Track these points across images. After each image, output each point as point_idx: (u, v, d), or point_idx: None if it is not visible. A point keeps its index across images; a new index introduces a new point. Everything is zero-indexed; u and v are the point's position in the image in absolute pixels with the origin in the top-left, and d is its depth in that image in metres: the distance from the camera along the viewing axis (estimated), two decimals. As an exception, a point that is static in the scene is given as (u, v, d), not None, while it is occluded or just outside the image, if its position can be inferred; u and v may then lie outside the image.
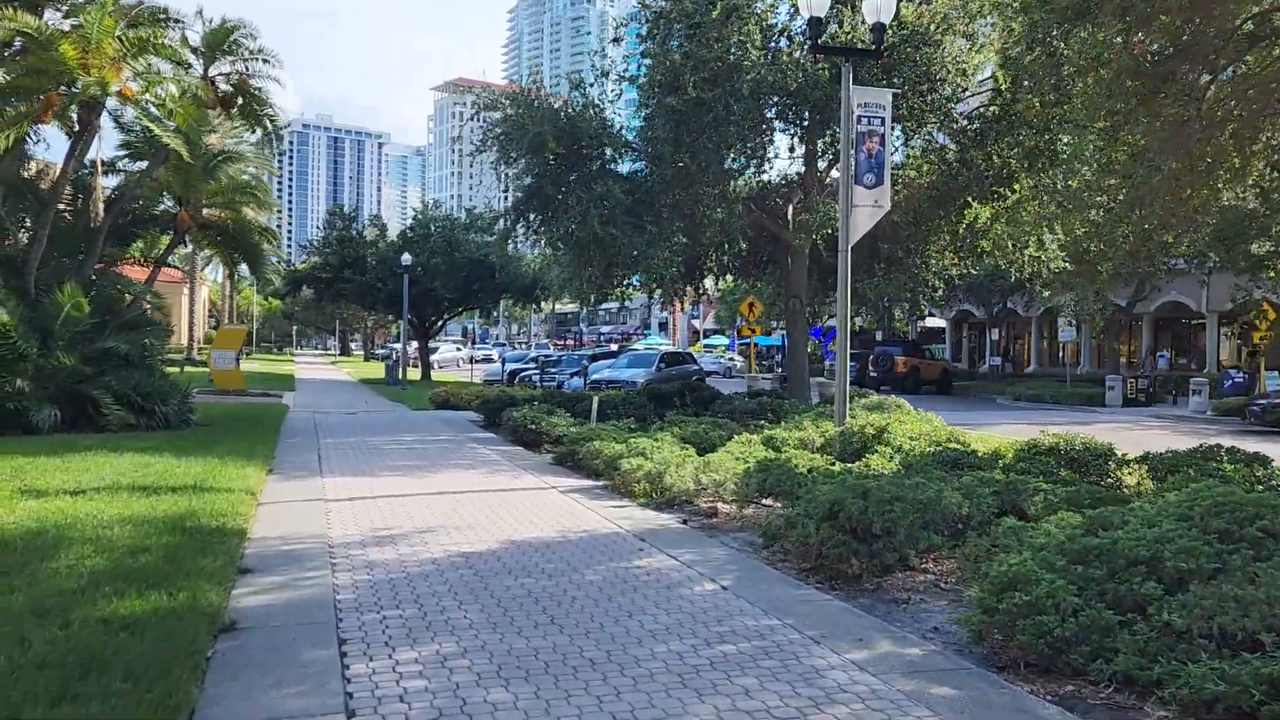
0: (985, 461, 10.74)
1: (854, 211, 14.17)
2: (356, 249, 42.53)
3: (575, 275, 19.56)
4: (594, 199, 17.65)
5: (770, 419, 18.69)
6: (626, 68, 19.26)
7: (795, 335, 21.84)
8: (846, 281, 14.18)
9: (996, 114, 18.99)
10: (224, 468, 11.82)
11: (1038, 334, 51.45)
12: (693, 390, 22.74)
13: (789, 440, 13.90)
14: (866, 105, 14.19)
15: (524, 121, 17.81)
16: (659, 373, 31.77)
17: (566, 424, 17.09)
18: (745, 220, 18.95)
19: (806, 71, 17.17)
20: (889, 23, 14.40)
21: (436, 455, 15.22)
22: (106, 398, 15.88)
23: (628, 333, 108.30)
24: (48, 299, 16.18)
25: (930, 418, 15.51)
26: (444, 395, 26.68)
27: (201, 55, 18.91)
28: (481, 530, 9.05)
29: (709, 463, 11.18)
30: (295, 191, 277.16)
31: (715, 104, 17.17)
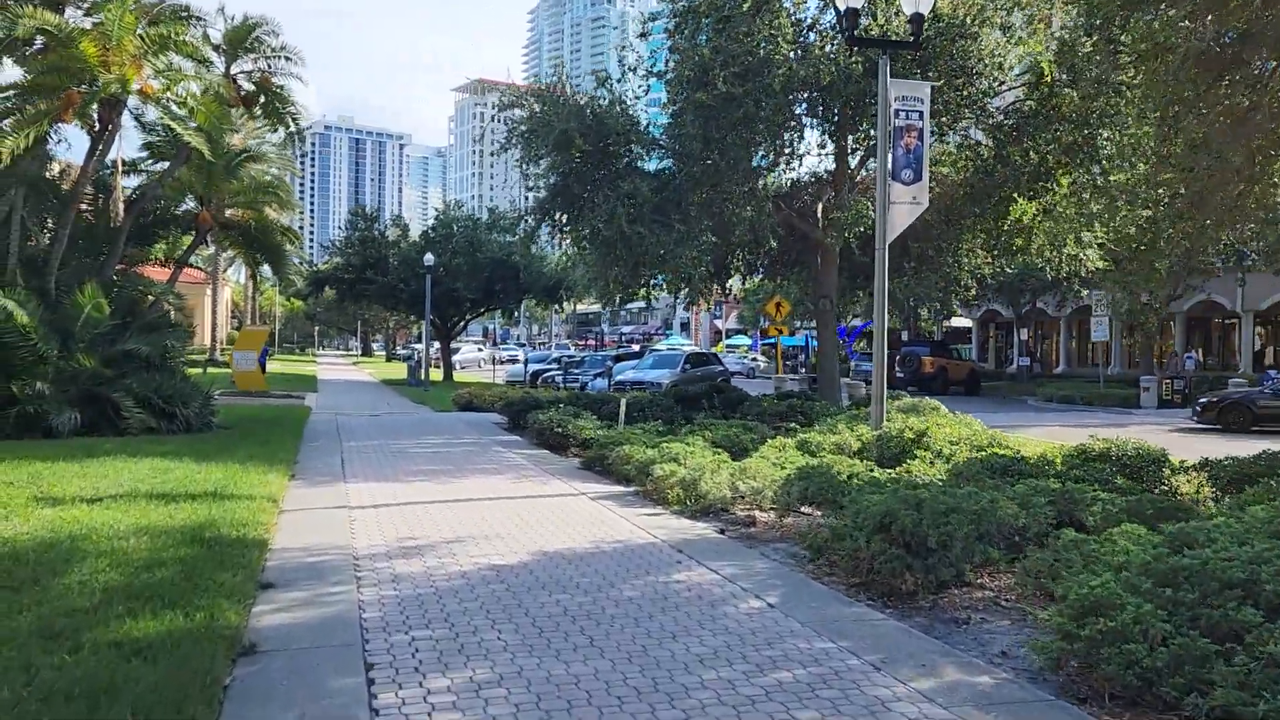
0: (1035, 468, 10.27)
1: (891, 208, 13.72)
2: (378, 249, 42.35)
3: (601, 275, 19.18)
4: (621, 197, 17.27)
5: (801, 421, 18.27)
6: (654, 63, 18.86)
7: (825, 336, 21.38)
8: (884, 280, 13.73)
9: (1034, 108, 18.46)
10: (245, 473, 11.52)
11: (1067, 334, 50.67)
12: (720, 392, 22.33)
13: (824, 445, 13.47)
14: (904, 99, 13.74)
15: (549, 118, 17.44)
16: (684, 374, 31.32)
17: (593, 427, 16.74)
18: (775, 219, 18.52)
19: (839, 66, 16.72)
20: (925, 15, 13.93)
21: (461, 459, 14.88)
22: (127, 400, 15.64)
23: (649, 333, 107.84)
24: (68, 300, 15.97)
25: (969, 421, 15.02)
26: (467, 397, 26.39)
27: (223, 53, 18.66)
28: (511, 540, 8.68)
29: (745, 469, 10.77)
30: (317, 193, 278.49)
31: (745, 99, 16.75)
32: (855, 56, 16.72)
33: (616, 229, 16.96)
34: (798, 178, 21.85)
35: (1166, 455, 10.80)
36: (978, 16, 17.09)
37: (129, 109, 18.30)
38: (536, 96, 18.36)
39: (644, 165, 19.28)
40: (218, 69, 18.40)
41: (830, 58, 16.80)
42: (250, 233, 21.54)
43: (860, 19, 15.47)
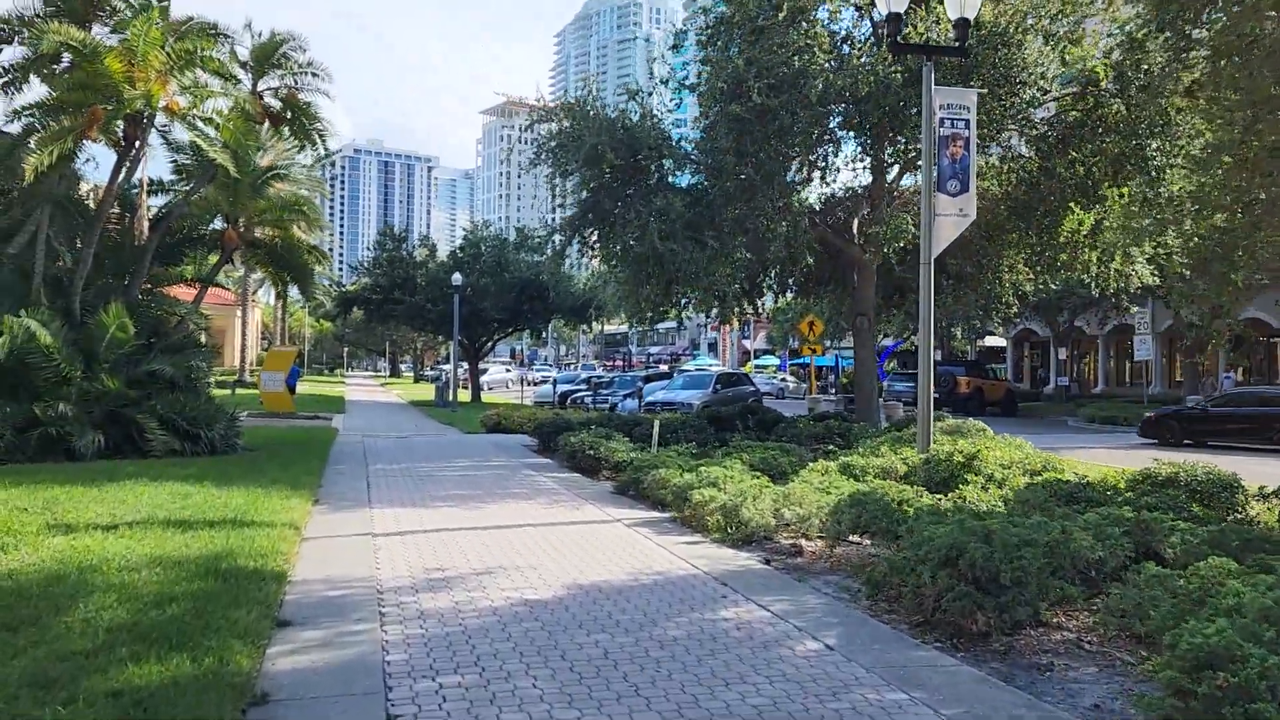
0: (1101, 495, 9.63)
1: (936, 221, 13.17)
2: (406, 270, 42.15)
3: (632, 293, 18.69)
4: (653, 213, 16.81)
5: (839, 443, 17.68)
6: (686, 75, 18.42)
7: (863, 355, 20.76)
8: (929, 297, 13.17)
9: (1079, 118, 17.85)
10: (267, 498, 11.09)
11: (1105, 353, 49.60)
12: (754, 413, 21.78)
13: (869, 468, 12.88)
14: (950, 106, 13.20)
15: (580, 133, 17.04)
16: (715, 394, 30.78)
17: (626, 449, 16.23)
18: (811, 235, 17.98)
19: (877, 76, 16.20)
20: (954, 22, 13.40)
21: (491, 483, 14.41)
22: (151, 422, 15.32)
23: (676, 353, 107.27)
24: (92, 320, 15.71)
25: (1020, 443, 14.37)
26: (495, 418, 25.95)
27: (250, 69, 18.44)
28: (544, 571, 8.17)
29: (789, 494, 10.20)
30: (347, 215, 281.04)
31: (781, 111, 16.27)
32: (894, 66, 16.21)
33: (649, 246, 16.49)
34: (832, 193, 21.32)
35: (1239, 480, 10.13)
36: (1020, 24, 16.54)
37: (156, 127, 18.11)
38: (566, 111, 17.97)
39: (676, 180, 18.82)
40: (244, 86, 18.18)
41: (868, 68, 16.28)
42: (277, 252, 21.27)
43: (900, 26, 14.97)
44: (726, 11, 17.25)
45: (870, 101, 16.46)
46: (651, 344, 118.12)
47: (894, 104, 16.65)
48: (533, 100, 20.54)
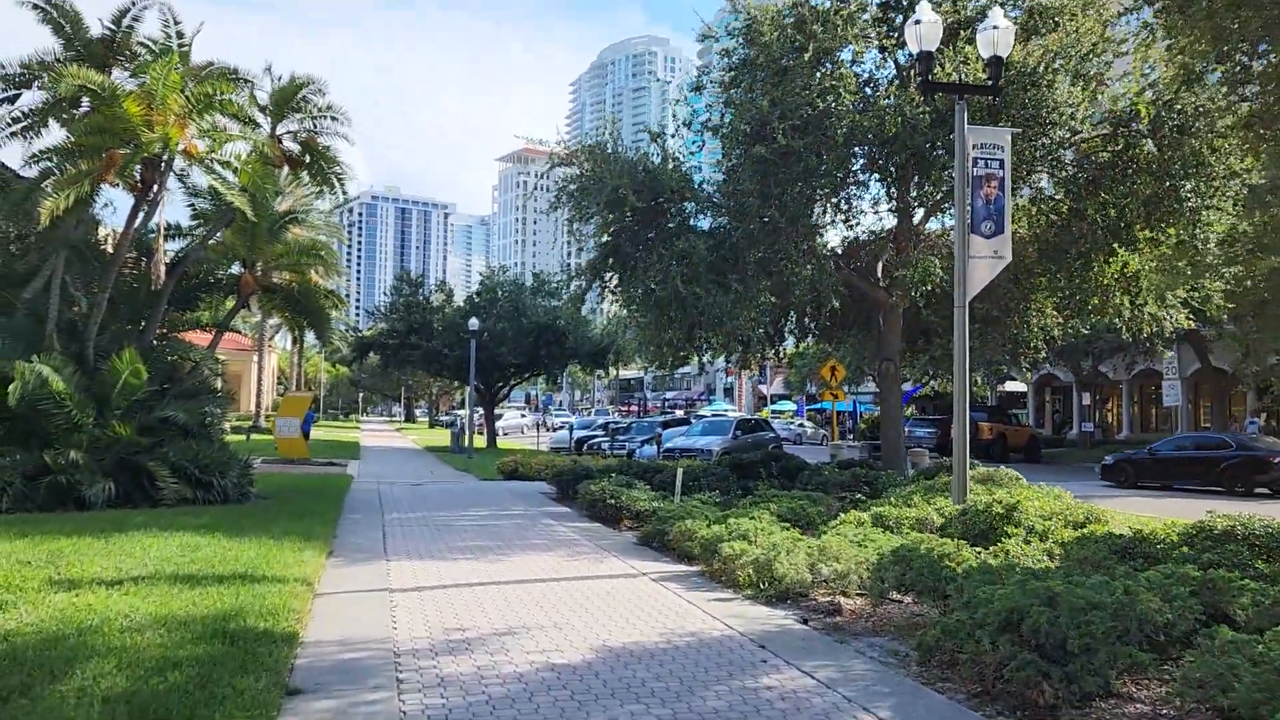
0: (1157, 550, 9.10)
1: (971, 263, 12.79)
2: (423, 314, 42.00)
3: (654, 338, 18.33)
4: (675, 256, 16.51)
5: (867, 492, 17.20)
6: (708, 117, 18.20)
7: (890, 400, 20.28)
8: (964, 341, 12.74)
9: (1110, 159, 17.50)
10: (279, 550, 10.67)
11: (1129, 398, 48.85)
12: (777, 460, 21.29)
13: (903, 520, 12.39)
14: (983, 146, 12.87)
15: (601, 175, 16.80)
16: (735, 440, 30.30)
17: (648, 498, 15.78)
18: (836, 278, 17.63)
19: (904, 116, 15.93)
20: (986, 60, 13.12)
21: (510, 533, 13.95)
22: (163, 470, 14.96)
23: (692, 398, 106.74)
24: (106, 366, 15.43)
25: (1059, 493, 13.84)
26: (512, 465, 25.52)
27: (269, 113, 18.34)
28: (571, 631, 7.70)
29: (824, 548, 9.71)
30: (364, 261, 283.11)
31: (806, 153, 16.00)
32: (922, 106, 15.94)
33: (671, 289, 16.16)
34: (856, 235, 20.99)
35: (1301, 534, 9.59)
36: (1050, 64, 16.27)
37: (174, 172, 17.98)
38: (587, 154, 17.76)
39: (697, 223, 18.56)
40: (263, 130, 18.07)
41: (894, 108, 16.02)
42: (294, 297, 21.05)
43: (932, 64, 14.74)
44: (750, 53, 17.08)
45: (897, 142, 16.18)
46: (667, 389, 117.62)
47: (920, 145, 16.36)
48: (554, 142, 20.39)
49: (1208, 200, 16.95)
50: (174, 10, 18.12)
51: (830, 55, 16.60)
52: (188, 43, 18.29)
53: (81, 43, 16.92)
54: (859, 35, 16.42)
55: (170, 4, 18.07)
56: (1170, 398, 32.75)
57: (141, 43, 18.14)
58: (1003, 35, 12.60)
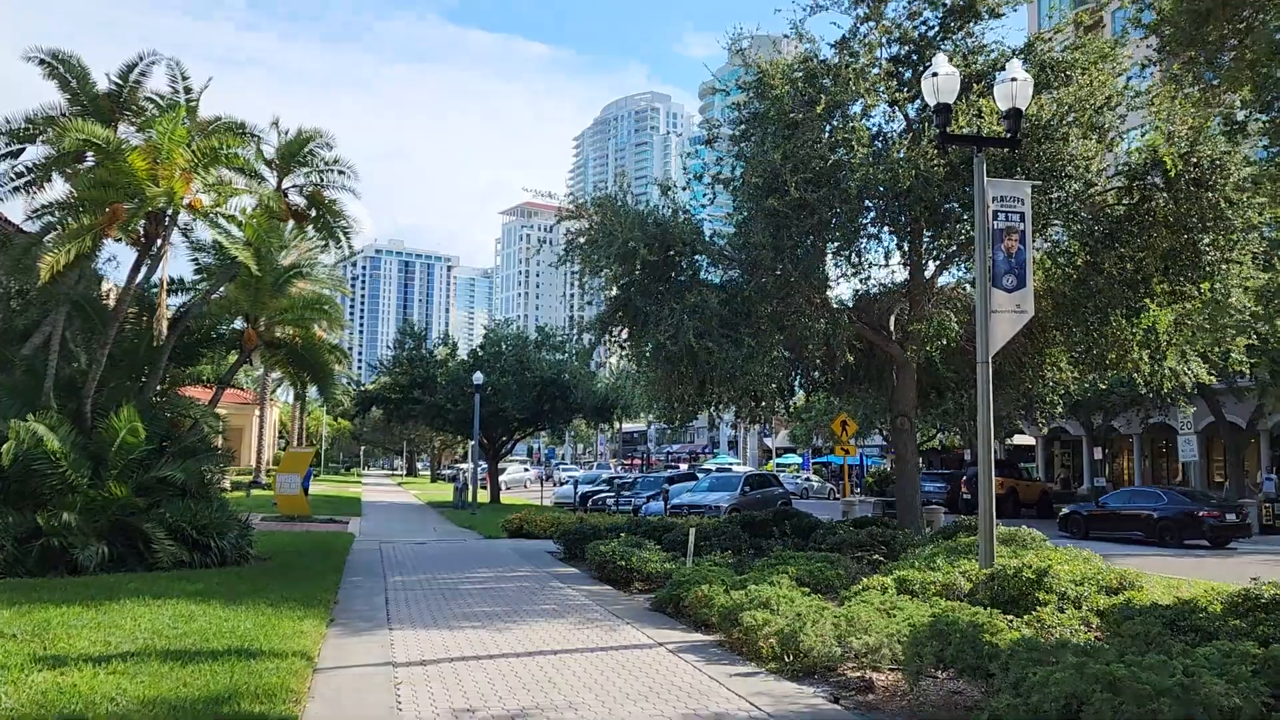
0: (1208, 623, 8.61)
1: (993, 318, 12.43)
2: (426, 368, 41.65)
3: (664, 393, 17.93)
4: (687, 309, 16.17)
5: (883, 552, 16.69)
6: (719, 170, 17.99)
7: (905, 456, 19.79)
8: (988, 397, 12.34)
9: (1126, 211, 17.24)
10: (277, 620, 10.18)
11: (1140, 452, 48.23)
12: (789, 518, 20.78)
13: (928, 585, 11.89)
14: (1003, 199, 12.59)
15: (612, 228, 16.54)
16: (744, 496, 29.79)
17: (659, 560, 15.31)
18: (851, 331, 17.28)
19: (918, 169, 15.70)
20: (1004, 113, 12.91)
21: (517, 598, 13.43)
22: (158, 532, 14.48)
23: (696, 451, 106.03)
24: (103, 424, 15.04)
25: (1087, 555, 13.39)
26: (517, 522, 24.99)
27: (275, 167, 18.16)
28: (587, 713, 7.22)
29: (851, 619, 9.22)
30: (367, 314, 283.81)
31: (819, 206, 15.75)
32: (936, 160, 15.72)
33: (684, 344, 15.79)
34: (868, 289, 20.70)
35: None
36: (1064, 117, 16.09)
37: (178, 226, 17.77)
38: (597, 206, 17.53)
39: (708, 277, 18.26)
40: (269, 183, 17.87)
41: (908, 161, 15.78)
42: (297, 352, 20.69)
43: (949, 116, 14.54)
44: (761, 107, 16.91)
45: (910, 195, 15.92)
46: (671, 442, 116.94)
47: (934, 198, 16.10)
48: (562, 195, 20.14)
49: (1227, 254, 16.66)
50: (181, 66, 18.08)
51: (841, 108, 16.43)
52: (195, 98, 18.20)
53: (87, 97, 16.80)
54: (870, 89, 16.26)
55: (177, 60, 18.04)
56: (1186, 453, 32.20)
57: (149, 98, 18.04)
58: (1021, 87, 12.39)
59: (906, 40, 18.02)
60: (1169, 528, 25.89)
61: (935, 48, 17.70)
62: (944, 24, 18.05)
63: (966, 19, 17.90)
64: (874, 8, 17.89)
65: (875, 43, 16.98)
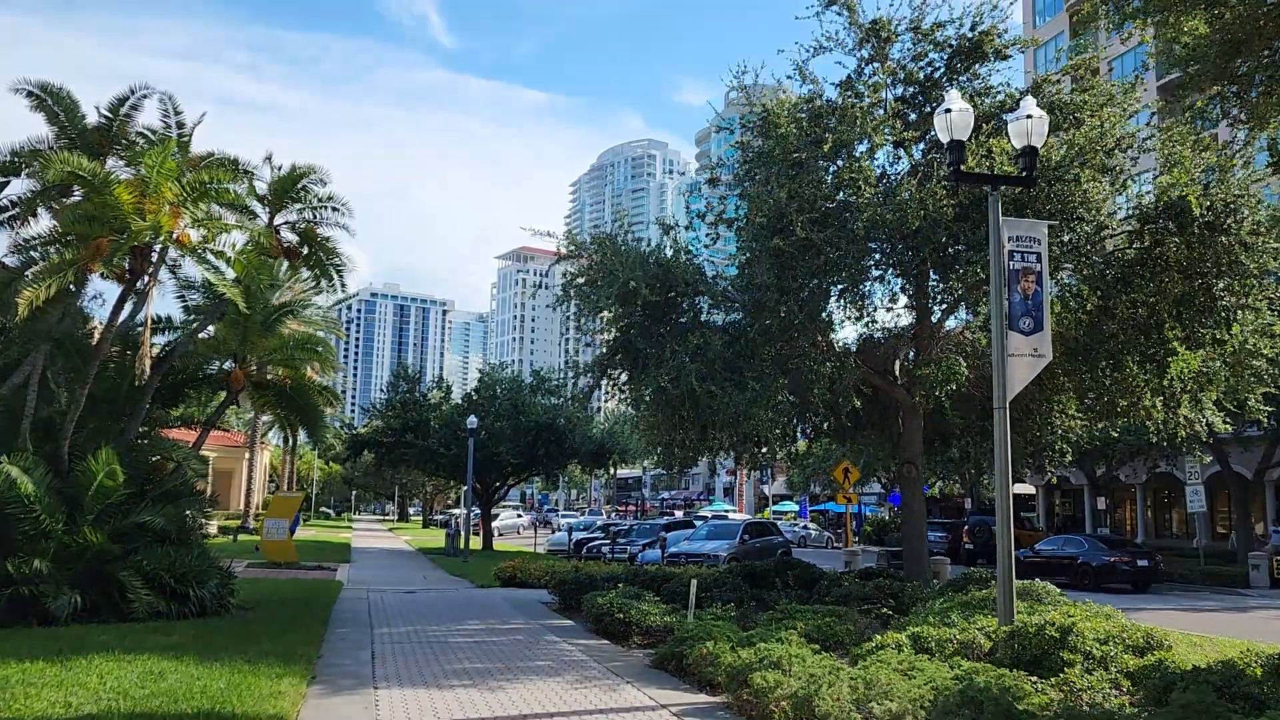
0: (1251, 688, 8.01)
1: (1009, 362, 11.96)
2: (420, 412, 41.02)
3: (664, 437, 17.36)
4: (690, 351, 15.68)
5: (891, 605, 16.05)
6: (723, 210, 17.60)
7: (912, 505, 19.19)
8: (1005, 443, 11.83)
9: (1138, 255, 16.87)
10: (254, 678, 9.52)
11: (1143, 503, 47.61)
12: (792, 569, 20.12)
13: (945, 642, 11.28)
14: (1019, 239, 12.19)
15: (612, 267, 16.10)
16: (743, 545, 29.06)
17: (659, 612, 14.66)
18: (858, 374, 16.78)
19: (928, 210, 15.32)
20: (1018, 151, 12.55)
21: (511, 653, 12.75)
22: (134, 580, 13.81)
23: (691, 498, 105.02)
24: (80, 466, 14.42)
25: (1109, 612, 12.79)
26: (510, 571, 24.25)
27: (267, 203, 17.68)
28: (588, 788, 6.57)
29: (870, 681, 8.61)
30: (361, 357, 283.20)
31: (826, 246, 15.33)
32: (945, 200, 15.35)
33: (685, 386, 15.27)
34: (872, 333, 20.25)
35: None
36: (1075, 159, 15.75)
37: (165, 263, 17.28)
38: (597, 245, 17.11)
39: (710, 319, 17.79)
40: (261, 220, 17.42)
41: (917, 202, 15.40)
42: (286, 394, 20.08)
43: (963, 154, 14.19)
44: (766, 145, 16.56)
45: (918, 236, 15.51)
46: (665, 488, 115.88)
47: (941, 240, 15.69)
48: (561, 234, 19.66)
49: (1242, 299, 16.26)
50: (174, 100, 17.70)
51: (847, 148, 16.08)
52: (188, 133, 17.81)
53: (76, 130, 16.40)
54: (877, 128, 15.93)
55: (170, 94, 17.68)
56: (1194, 503, 31.61)
57: (140, 133, 17.65)
58: (1037, 124, 12.04)
59: (911, 81, 17.77)
60: (1088, 573, 28.27)
61: (941, 89, 17.44)
62: (950, 65, 17.81)
63: (972, 60, 17.66)
64: (878, 49, 17.66)
65: (881, 83, 16.68)
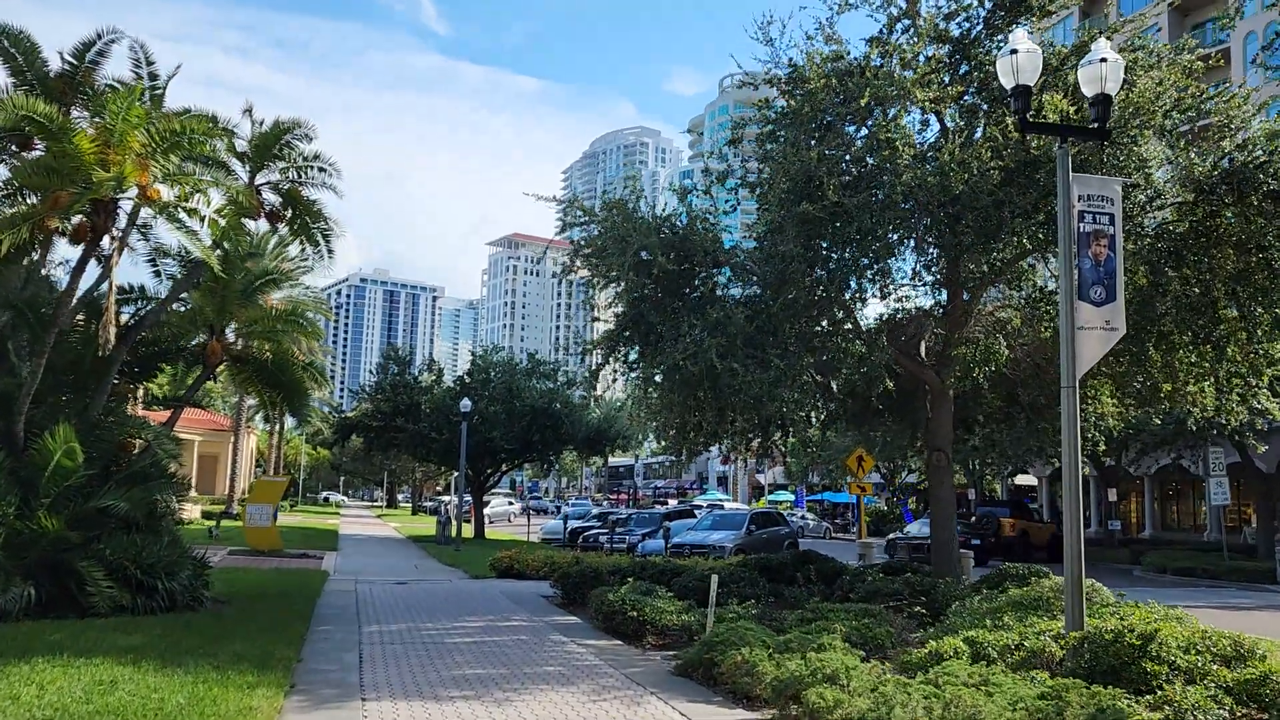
0: None
1: (1079, 336, 10.64)
2: (410, 395, 39.54)
3: (678, 420, 16.01)
4: (709, 326, 14.33)
5: (923, 603, 14.78)
6: (745, 173, 16.19)
7: (941, 495, 17.87)
8: (1074, 426, 10.53)
9: (1189, 229, 15.57)
10: (221, 688, 8.17)
11: (1150, 495, 46.51)
12: (809, 561, 18.86)
13: (1007, 649, 10.02)
14: (1090, 199, 10.86)
15: (625, 234, 14.73)
16: (749, 536, 27.80)
17: (674, 610, 13.38)
18: (888, 354, 15.45)
19: (971, 172, 13.96)
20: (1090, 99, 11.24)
21: (516, 655, 11.43)
22: (95, 572, 12.43)
23: (683, 486, 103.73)
24: (37, 444, 13.00)
25: (1179, 614, 11.51)
26: (507, 561, 22.91)
27: (247, 160, 16.22)
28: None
29: (950, 701, 7.31)
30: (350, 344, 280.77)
31: (859, 213, 13.97)
32: (992, 161, 13.99)
33: (704, 364, 13.91)
34: (897, 311, 18.94)
35: None
36: (1130, 120, 14.42)
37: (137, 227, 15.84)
38: (609, 208, 15.74)
39: (729, 291, 16.41)
40: (240, 179, 15.96)
41: (960, 164, 14.03)
42: (267, 368, 18.63)
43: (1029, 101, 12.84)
44: (794, 104, 15.15)
45: (960, 203, 14.12)
46: (657, 477, 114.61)
47: (986, 206, 14.31)
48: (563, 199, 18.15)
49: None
50: (146, 49, 16.25)
51: (884, 106, 14.70)
52: (162, 85, 16.36)
53: (36, 76, 14.91)
54: (917, 83, 14.54)
55: (142, 42, 16.22)
56: (1217, 496, 30.40)
57: (110, 85, 16.17)
58: (1111, 68, 10.69)
59: (945, 40, 16.39)
60: None
61: (979, 46, 16.10)
62: (989, 21, 16.44)
63: (1014, 15, 16.28)
64: (910, 6, 16.30)
65: (923, 32, 15.24)
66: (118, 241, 14.02)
